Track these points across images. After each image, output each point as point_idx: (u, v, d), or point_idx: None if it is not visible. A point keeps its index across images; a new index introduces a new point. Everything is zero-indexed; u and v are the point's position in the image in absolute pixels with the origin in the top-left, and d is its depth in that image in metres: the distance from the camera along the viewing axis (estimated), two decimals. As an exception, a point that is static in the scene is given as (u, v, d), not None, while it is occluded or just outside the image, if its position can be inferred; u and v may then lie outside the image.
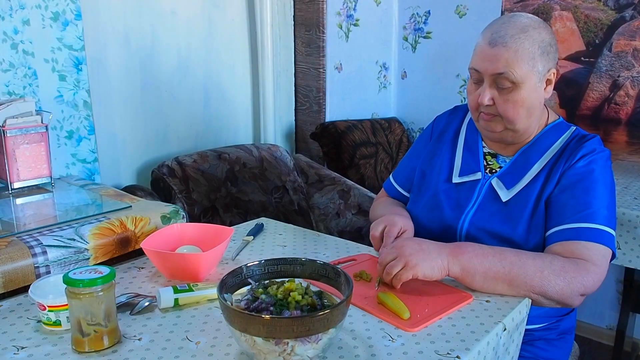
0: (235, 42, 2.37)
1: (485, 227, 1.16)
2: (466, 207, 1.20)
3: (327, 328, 0.75)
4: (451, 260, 1.01)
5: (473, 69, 1.13)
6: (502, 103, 1.11)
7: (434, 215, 1.24)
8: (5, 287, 1.07)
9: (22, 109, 1.46)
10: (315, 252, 1.22)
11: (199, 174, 1.96)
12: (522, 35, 1.07)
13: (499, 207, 1.16)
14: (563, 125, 1.21)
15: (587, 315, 2.44)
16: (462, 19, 2.66)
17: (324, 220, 2.20)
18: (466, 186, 1.22)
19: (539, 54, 1.09)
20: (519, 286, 0.99)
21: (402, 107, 2.97)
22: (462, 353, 0.83)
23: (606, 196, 1.09)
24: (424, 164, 1.32)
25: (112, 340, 0.84)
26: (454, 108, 1.37)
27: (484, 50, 1.10)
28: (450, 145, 1.30)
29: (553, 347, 1.23)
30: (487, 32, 1.12)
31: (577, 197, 1.09)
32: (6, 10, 1.49)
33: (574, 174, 1.11)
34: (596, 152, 1.12)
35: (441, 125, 1.35)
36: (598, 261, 1.03)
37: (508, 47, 1.07)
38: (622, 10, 2.21)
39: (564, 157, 1.14)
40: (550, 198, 1.12)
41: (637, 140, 2.25)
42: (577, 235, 1.05)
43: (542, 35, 1.09)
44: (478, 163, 1.24)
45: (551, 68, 1.12)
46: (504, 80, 1.09)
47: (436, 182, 1.26)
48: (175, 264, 1.06)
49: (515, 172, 1.18)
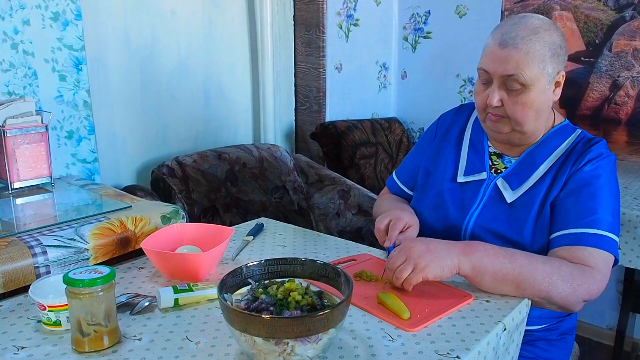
0: (235, 42, 2.37)
1: (490, 228, 1.16)
2: (471, 207, 1.19)
3: (327, 328, 0.75)
4: (462, 258, 0.99)
5: (482, 70, 1.12)
6: (511, 105, 1.10)
7: (438, 214, 1.23)
8: (5, 287, 1.07)
9: (22, 109, 1.46)
10: (315, 252, 1.22)
11: (199, 174, 1.96)
12: (533, 37, 1.06)
13: (504, 208, 1.16)
14: (569, 128, 1.20)
15: (587, 315, 2.44)
16: (462, 19, 2.66)
17: (324, 220, 2.20)
18: (471, 186, 1.21)
19: (549, 56, 1.07)
20: (525, 289, 0.99)
21: (402, 107, 2.97)
22: (462, 353, 0.83)
23: (611, 202, 1.09)
24: (428, 162, 1.31)
25: (112, 340, 0.84)
26: (460, 106, 1.36)
27: (494, 51, 1.09)
28: (455, 144, 1.29)
29: (553, 347, 1.23)
30: (497, 32, 1.10)
31: (583, 202, 1.08)
32: (6, 10, 1.49)
33: (580, 178, 1.10)
34: (603, 156, 1.12)
35: (446, 124, 1.34)
36: (603, 268, 1.03)
37: (519, 48, 1.06)
38: (622, 10, 2.21)
39: (571, 160, 1.14)
40: (556, 201, 1.12)
41: (637, 140, 2.25)
42: (581, 240, 1.05)
43: (552, 37, 1.08)
44: (483, 163, 1.22)
45: (560, 70, 1.11)
46: (513, 82, 1.08)
47: (441, 181, 1.26)
48: (175, 264, 1.06)
49: (521, 173, 1.17)
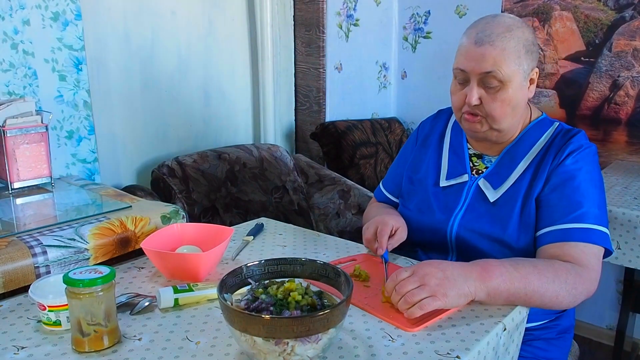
0: (235, 42, 2.37)
1: (475, 228, 1.16)
2: (455, 210, 1.20)
3: (327, 328, 0.75)
4: (479, 285, 0.94)
5: (458, 69, 1.14)
6: (490, 102, 1.11)
7: (424, 218, 1.24)
8: (5, 287, 1.07)
9: (22, 109, 1.46)
10: (315, 252, 1.22)
11: (199, 174, 1.96)
12: (507, 34, 1.08)
13: (488, 207, 1.17)
14: (547, 122, 1.21)
15: (587, 315, 2.44)
16: (462, 19, 2.66)
17: (324, 220, 2.20)
18: (454, 189, 1.23)
19: (524, 52, 1.09)
20: (531, 305, 1.00)
21: (402, 107, 2.97)
22: (462, 353, 0.83)
23: (596, 194, 1.10)
24: (410, 170, 1.33)
25: (112, 340, 0.84)
26: (438, 112, 1.38)
27: (470, 49, 1.10)
28: (436, 149, 1.31)
29: (552, 347, 1.23)
30: (471, 31, 1.12)
31: (568, 196, 1.09)
32: (6, 10, 1.49)
33: (563, 172, 1.11)
34: (583, 148, 1.13)
35: (426, 130, 1.36)
36: (595, 265, 1.04)
37: (495, 45, 1.08)
38: (622, 10, 2.21)
39: (551, 153, 1.14)
40: (540, 197, 1.12)
41: (637, 140, 2.25)
42: (570, 236, 1.06)
43: (525, 34, 1.11)
44: (464, 165, 1.24)
45: (534, 67, 1.14)
46: (491, 79, 1.09)
47: (425, 187, 1.27)
48: (175, 264, 1.06)
49: (501, 171, 1.18)
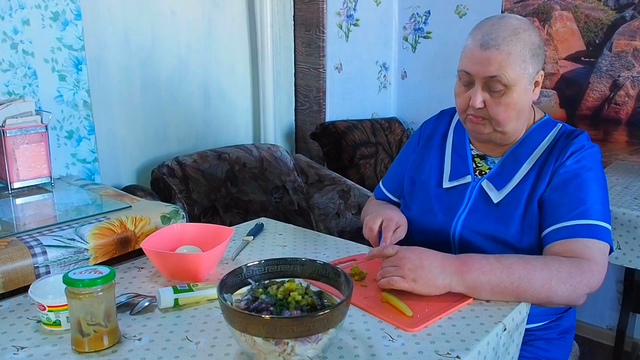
0: (235, 42, 2.37)
1: (478, 229, 1.16)
2: (457, 211, 1.19)
3: (327, 328, 0.75)
4: (456, 278, 0.97)
5: (463, 71, 1.13)
6: (494, 106, 1.10)
7: (426, 219, 1.23)
8: (5, 287, 1.07)
9: (22, 109, 1.46)
10: (315, 252, 1.22)
11: (199, 174, 1.96)
12: (514, 38, 1.07)
13: (491, 208, 1.16)
14: (550, 123, 1.21)
15: (587, 315, 2.44)
16: (462, 19, 2.66)
17: (324, 220, 2.20)
18: (457, 190, 1.22)
19: (529, 56, 1.08)
20: (525, 297, 0.99)
21: (402, 107, 2.97)
22: (462, 353, 0.83)
23: (599, 192, 1.09)
24: (412, 171, 1.32)
25: (112, 341, 0.84)
26: (440, 112, 1.37)
27: (475, 52, 1.09)
28: (438, 149, 1.30)
29: (553, 347, 1.23)
30: (477, 33, 1.11)
31: (571, 194, 1.09)
32: (6, 10, 1.49)
33: (565, 172, 1.11)
34: (585, 148, 1.13)
35: (428, 130, 1.35)
36: (600, 259, 1.03)
37: (500, 49, 1.06)
38: (622, 10, 2.21)
39: (554, 155, 1.14)
40: (543, 197, 1.12)
41: (637, 140, 2.25)
42: (574, 233, 1.05)
43: (532, 37, 1.09)
44: (467, 166, 1.23)
45: (539, 70, 1.13)
46: (496, 83, 1.08)
47: (427, 188, 1.26)
48: (175, 264, 1.06)
49: (505, 172, 1.18)
